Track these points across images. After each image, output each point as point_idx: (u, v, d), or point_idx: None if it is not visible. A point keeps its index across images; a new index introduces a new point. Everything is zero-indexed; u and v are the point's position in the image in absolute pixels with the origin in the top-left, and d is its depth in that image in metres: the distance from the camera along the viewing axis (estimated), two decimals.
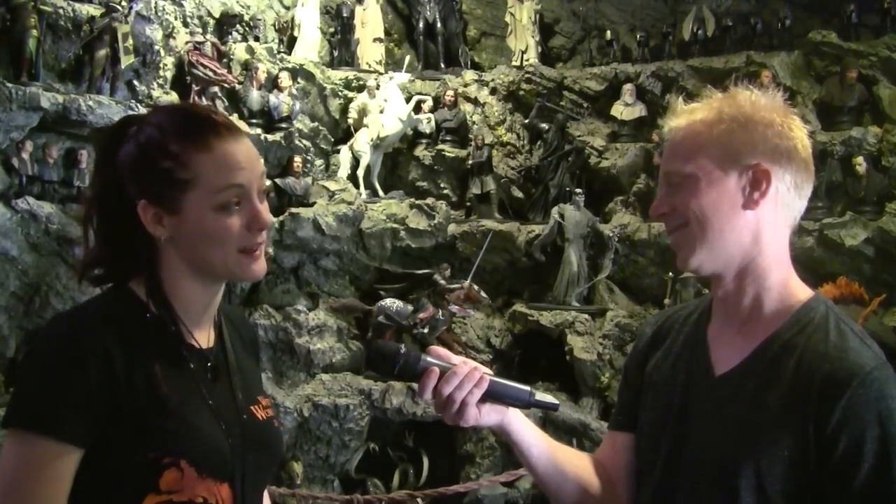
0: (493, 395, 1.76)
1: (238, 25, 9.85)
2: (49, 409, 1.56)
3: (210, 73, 8.91)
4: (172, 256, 1.75)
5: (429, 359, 1.76)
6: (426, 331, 8.77)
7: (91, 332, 1.62)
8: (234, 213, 1.72)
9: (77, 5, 8.09)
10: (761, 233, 1.72)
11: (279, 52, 9.93)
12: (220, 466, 1.70)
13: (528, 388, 1.80)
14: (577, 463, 1.95)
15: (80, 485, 1.59)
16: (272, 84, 9.52)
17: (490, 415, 1.78)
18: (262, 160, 1.89)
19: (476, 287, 8.92)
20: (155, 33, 8.72)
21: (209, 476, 1.67)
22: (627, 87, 10.15)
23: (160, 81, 8.80)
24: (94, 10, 8.12)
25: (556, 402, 1.86)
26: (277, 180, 9.16)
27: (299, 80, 9.90)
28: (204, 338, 1.82)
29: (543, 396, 1.81)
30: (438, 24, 11.09)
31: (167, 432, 1.63)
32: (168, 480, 1.61)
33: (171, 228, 1.72)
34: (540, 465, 1.88)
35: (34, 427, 1.56)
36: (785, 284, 1.75)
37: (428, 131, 10.34)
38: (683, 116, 1.79)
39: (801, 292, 1.75)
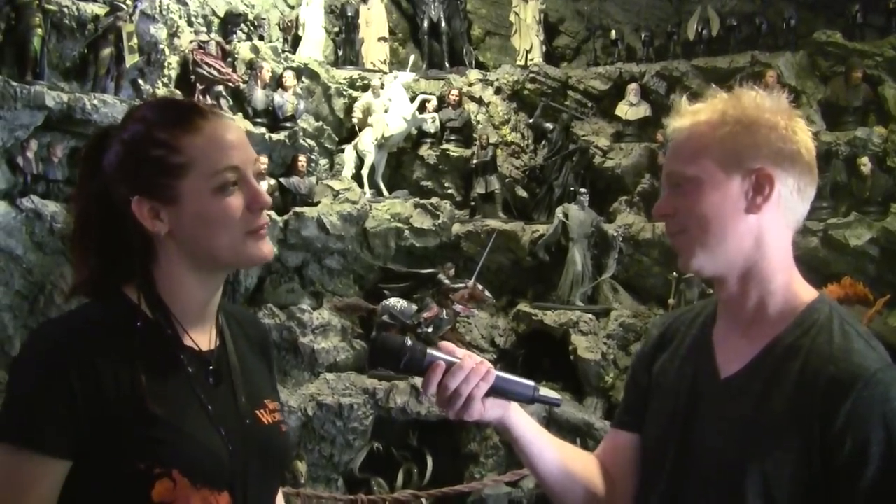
0: (497, 390, 1.76)
1: (242, 24, 9.84)
2: (29, 421, 1.52)
3: (214, 73, 8.91)
4: (171, 253, 1.70)
5: (434, 353, 1.75)
6: (430, 330, 8.76)
7: (75, 342, 1.57)
8: (233, 194, 1.69)
9: (82, 4, 8.08)
10: (764, 236, 1.72)
11: (283, 52, 9.92)
12: (217, 475, 1.65)
13: (532, 383, 1.80)
14: (577, 460, 1.95)
15: (70, 498, 1.56)
16: (276, 83, 9.51)
17: (493, 409, 1.78)
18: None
19: (480, 286, 8.91)
20: (159, 32, 8.71)
21: (205, 485, 1.62)
22: (632, 86, 10.14)
23: (165, 80, 8.80)
24: (98, 9, 8.12)
25: (559, 397, 1.87)
26: (282, 179, 9.16)
27: (304, 79, 9.90)
28: (205, 340, 1.77)
29: (547, 392, 1.81)
30: (443, 24, 11.08)
31: (157, 442, 1.58)
32: (160, 491, 1.56)
33: (170, 220, 1.67)
34: (540, 461, 1.88)
35: (14, 439, 1.52)
36: (789, 287, 1.74)
37: (432, 131, 10.34)
38: (687, 117, 1.79)
39: (806, 294, 1.74)
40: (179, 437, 1.61)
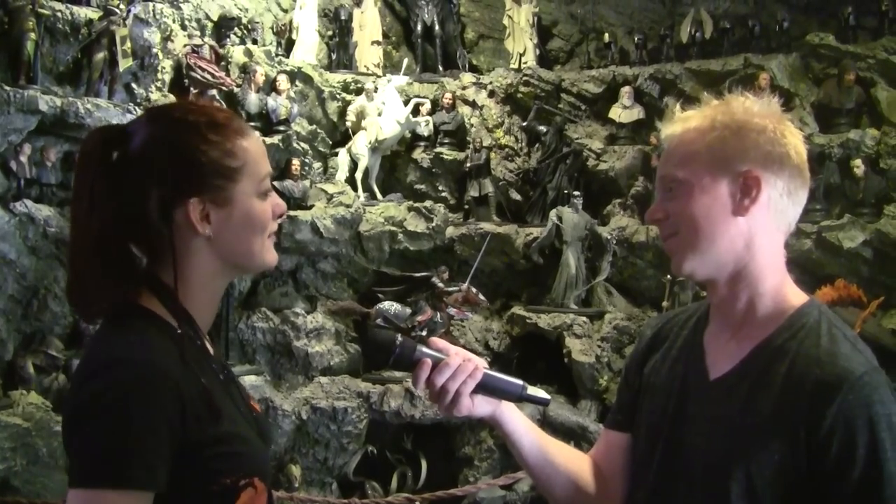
0: (486, 387, 1.79)
1: (236, 28, 9.85)
2: (133, 461, 1.43)
3: (208, 76, 8.91)
4: (202, 257, 1.66)
5: (424, 349, 1.78)
6: (424, 333, 8.76)
7: (157, 367, 1.49)
8: (268, 199, 1.73)
9: (75, 8, 8.09)
10: (753, 239, 1.73)
11: (277, 55, 9.93)
12: (268, 472, 1.69)
13: (520, 381, 1.83)
14: (569, 457, 1.97)
15: None
16: (270, 87, 9.51)
17: (483, 405, 1.81)
18: None
19: (474, 289, 8.92)
20: (153, 36, 8.72)
21: (268, 485, 1.66)
22: (625, 89, 10.16)
23: (158, 84, 8.80)
24: (92, 14, 8.13)
25: (548, 396, 1.89)
26: (275, 183, 9.11)
27: (297, 82, 9.90)
28: (211, 344, 1.78)
29: (535, 391, 1.84)
30: (436, 27, 11.10)
31: (238, 455, 1.57)
32: (245, 500, 1.57)
33: (217, 223, 1.65)
34: (531, 456, 1.91)
35: (115, 482, 1.42)
36: (779, 290, 1.75)
37: (426, 134, 10.35)
38: (678, 124, 1.81)
39: (795, 297, 1.75)
40: (251, 446, 1.63)
